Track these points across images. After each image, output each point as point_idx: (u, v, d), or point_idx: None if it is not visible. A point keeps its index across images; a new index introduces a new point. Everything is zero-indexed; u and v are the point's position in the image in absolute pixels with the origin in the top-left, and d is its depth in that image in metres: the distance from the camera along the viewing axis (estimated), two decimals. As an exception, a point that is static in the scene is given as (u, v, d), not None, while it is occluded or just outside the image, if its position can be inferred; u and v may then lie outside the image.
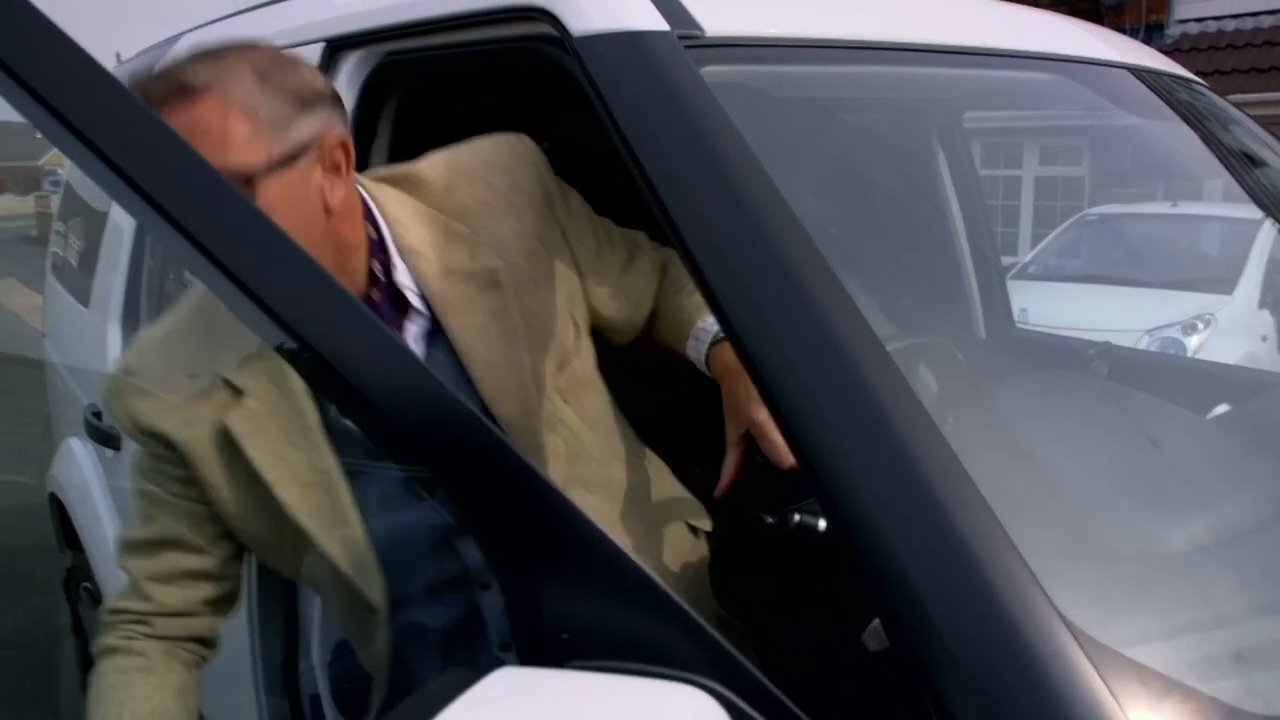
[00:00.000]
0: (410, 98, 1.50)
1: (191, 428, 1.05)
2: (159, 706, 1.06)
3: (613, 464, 1.20)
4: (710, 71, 1.05)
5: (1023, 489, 0.95)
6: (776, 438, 0.98)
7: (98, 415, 2.24)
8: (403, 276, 1.10)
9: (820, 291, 0.86)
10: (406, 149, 1.51)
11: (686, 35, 1.08)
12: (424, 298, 1.10)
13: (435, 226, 1.13)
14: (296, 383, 1.05)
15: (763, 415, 1.02)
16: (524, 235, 1.16)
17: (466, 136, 1.33)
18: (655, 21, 1.07)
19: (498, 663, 0.70)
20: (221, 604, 1.15)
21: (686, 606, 0.63)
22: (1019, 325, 2.33)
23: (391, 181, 1.16)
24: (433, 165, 1.19)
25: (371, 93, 1.48)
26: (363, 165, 1.46)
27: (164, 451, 1.07)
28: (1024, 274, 5.76)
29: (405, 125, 1.50)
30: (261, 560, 1.18)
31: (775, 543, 1.07)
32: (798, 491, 1.04)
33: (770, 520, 1.05)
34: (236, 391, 1.05)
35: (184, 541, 1.09)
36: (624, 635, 0.64)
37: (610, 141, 1.01)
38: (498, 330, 1.10)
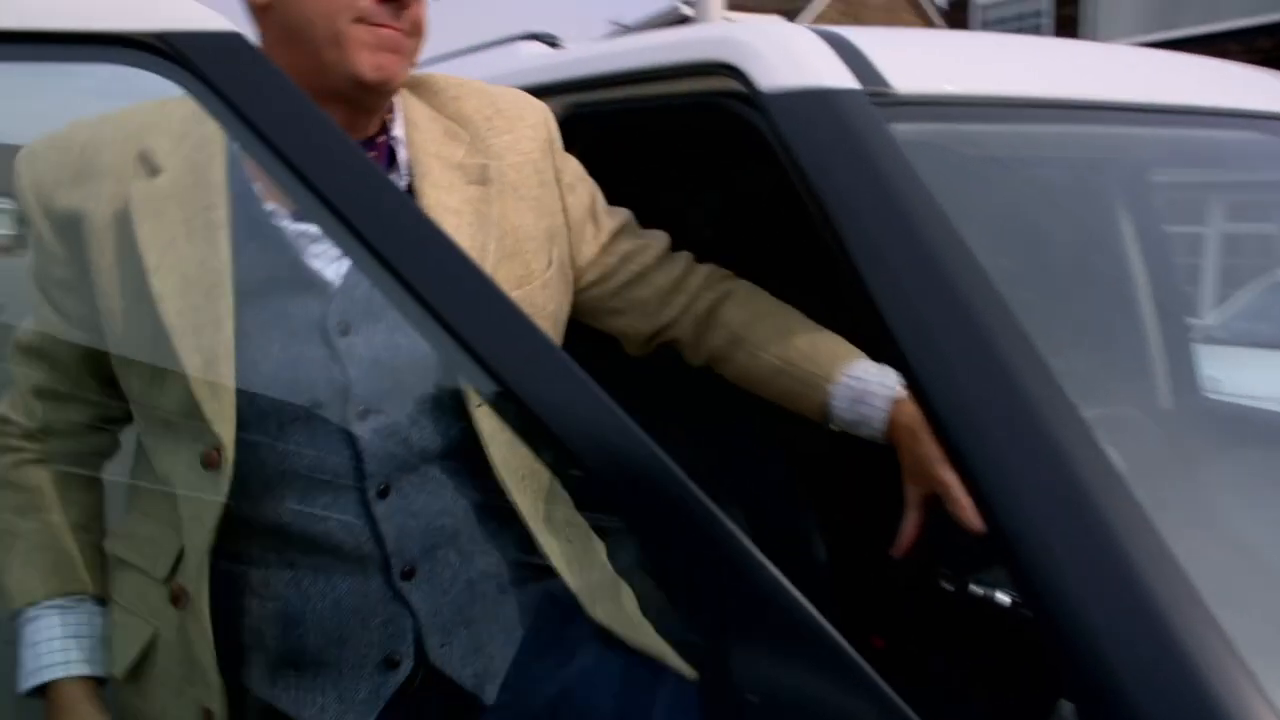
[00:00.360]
0: (594, 149, 1.55)
1: (94, 201, 1.00)
2: (61, 558, 1.07)
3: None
4: (899, 129, 1.04)
5: (1232, 575, 0.90)
6: (965, 500, 0.94)
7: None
8: (398, 132, 1.10)
9: (1016, 355, 0.83)
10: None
11: (876, 93, 1.07)
12: (409, 163, 1.09)
13: (436, 123, 1.13)
14: (218, 175, 1.00)
15: (950, 476, 0.97)
16: (519, 155, 1.15)
17: (650, 188, 1.36)
18: (845, 79, 1.08)
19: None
20: (110, 425, 1.12)
21: (880, 681, 0.61)
22: (1210, 394, 2.19)
23: (413, 80, 1.16)
24: (447, 77, 1.21)
25: (556, 144, 1.54)
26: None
27: (54, 234, 1.03)
28: (1210, 338, 5.43)
29: (590, 174, 1.54)
30: (122, 381, 1.06)
31: (952, 611, 1.03)
32: (979, 558, 1.00)
33: (949, 587, 1.02)
34: (153, 169, 1.00)
35: (62, 362, 1.07)
36: (813, 703, 0.63)
37: (794, 197, 1.01)
38: (469, 218, 1.08)
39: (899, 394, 1.09)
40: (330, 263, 1.02)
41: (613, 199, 1.32)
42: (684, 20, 16.25)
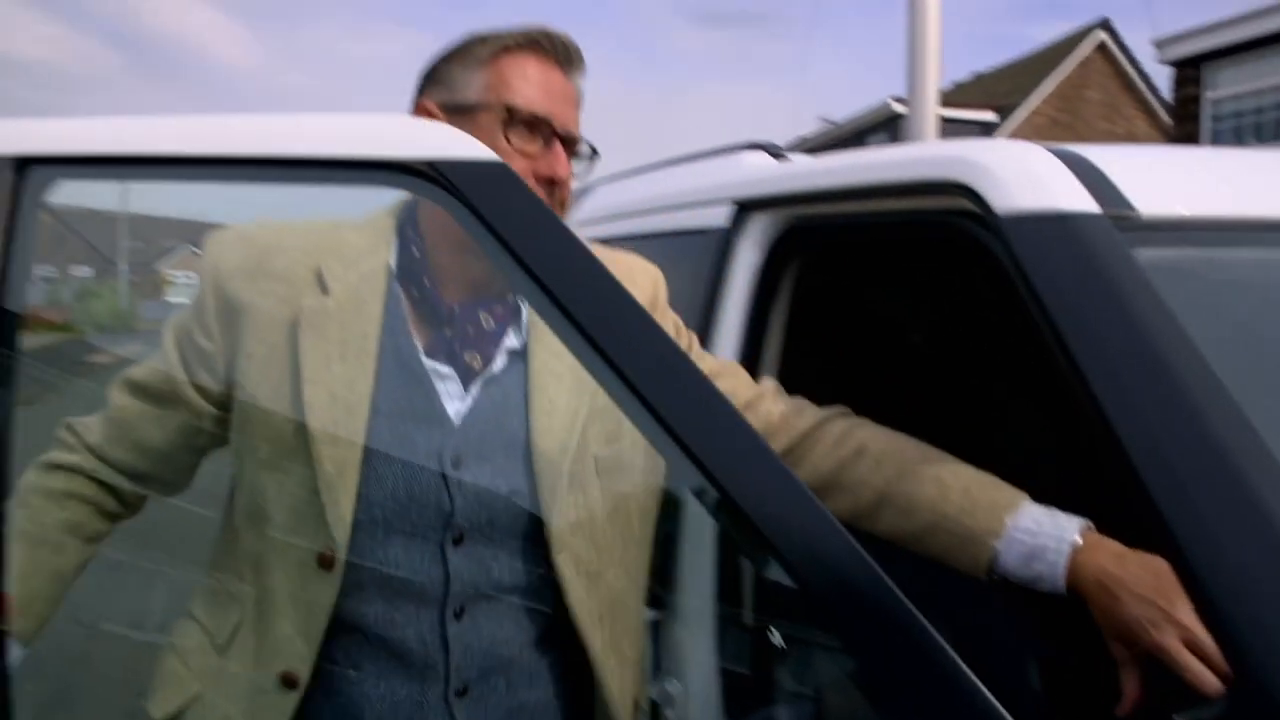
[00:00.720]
0: (815, 261, 1.57)
1: (264, 298, 1.12)
2: (37, 588, 1.11)
3: (609, 563, 1.17)
4: (1144, 254, 1.01)
5: None
6: (1194, 664, 0.85)
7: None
8: (522, 305, 1.20)
9: (1273, 494, 0.78)
10: (808, 310, 1.57)
11: (1119, 216, 1.05)
12: (528, 324, 1.19)
13: None
14: (376, 308, 1.13)
15: (1169, 640, 0.85)
16: None
17: (869, 300, 1.36)
18: (1085, 202, 1.05)
19: None
20: (156, 485, 1.22)
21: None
22: None
23: None
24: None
25: (777, 254, 1.56)
26: (763, 326, 1.53)
27: (219, 312, 1.14)
28: None
29: (808, 287, 1.56)
30: (238, 448, 1.15)
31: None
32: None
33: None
34: (324, 287, 1.12)
35: (155, 411, 1.17)
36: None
37: (1022, 319, 0.99)
38: (569, 382, 1.16)
39: (1078, 542, 0.98)
40: (453, 400, 1.13)
41: (832, 309, 1.33)
42: (896, 118, 16.23)
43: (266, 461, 1.10)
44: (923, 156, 1.26)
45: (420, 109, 1.18)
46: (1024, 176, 1.09)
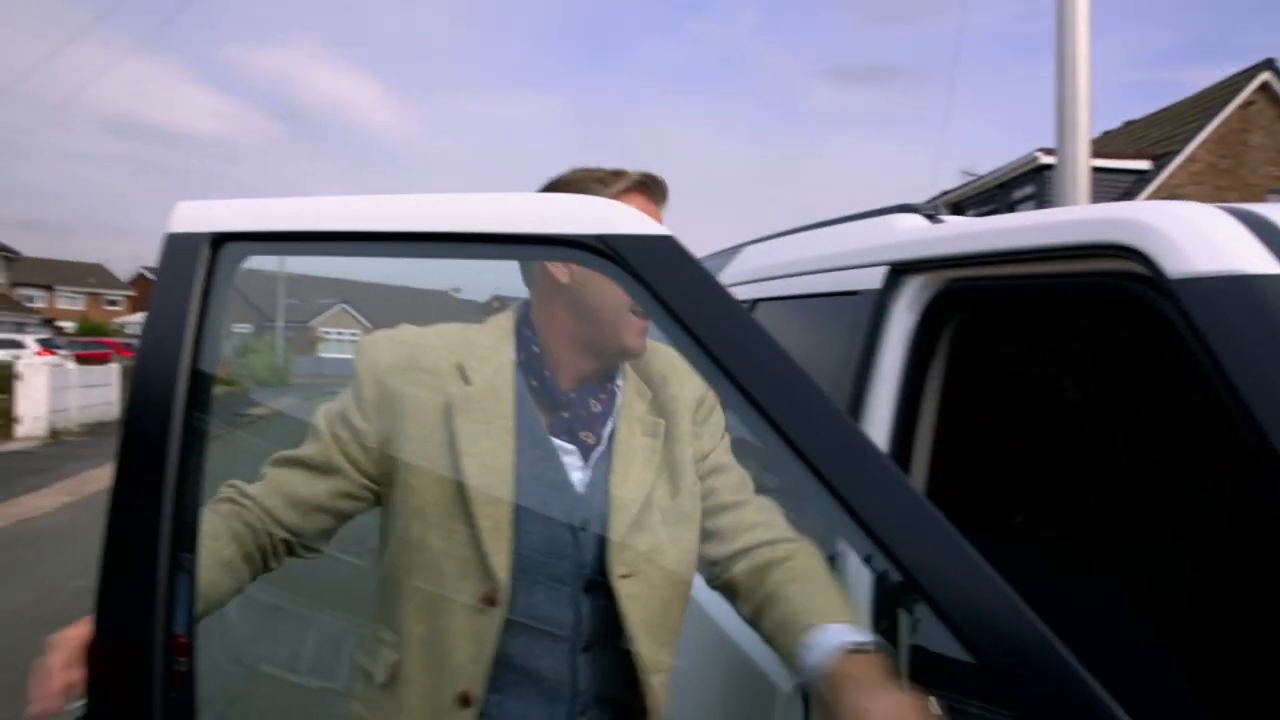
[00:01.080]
0: (970, 323, 1.54)
1: (418, 388, 1.36)
2: (213, 578, 1.28)
3: (657, 585, 1.38)
4: (1333, 317, 0.96)
5: None
6: None
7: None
8: (618, 391, 1.47)
9: None
10: (964, 371, 1.55)
11: (1304, 278, 1.00)
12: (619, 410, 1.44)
13: (633, 381, 1.49)
14: (508, 395, 1.37)
15: None
16: (683, 407, 1.48)
17: (1025, 362, 1.34)
18: (1266, 263, 1.02)
19: None
20: (304, 539, 1.40)
21: None
22: None
23: None
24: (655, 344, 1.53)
25: (932, 316, 1.54)
26: (918, 388, 1.52)
27: (376, 400, 1.36)
28: None
29: (963, 349, 1.53)
30: (399, 520, 1.35)
31: None
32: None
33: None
34: (466, 379, 1.37)
35: (312, 482, 1.37)
36: None
37: (1195, 381, 0.96)
38: (641, 457, 1.42)
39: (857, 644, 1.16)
40: (575, 472, 1.38)
41: (988, 370, 1.31)
42: (1042, 169, 15.78)
43: (433, 521, 1.32)
44: (1086, 219, 1.24)
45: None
46: (1199, 238, 1.06)
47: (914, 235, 1.71)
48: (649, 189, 1.43)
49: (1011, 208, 17.67)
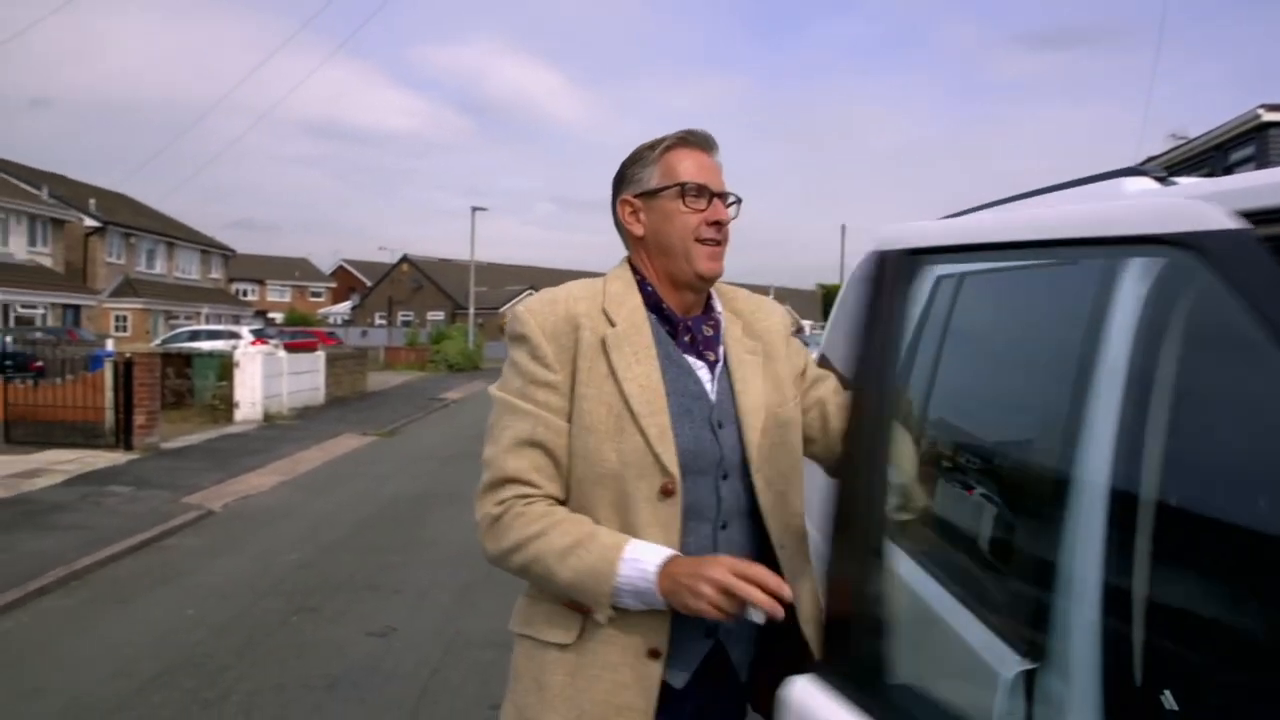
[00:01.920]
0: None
1: (580, 331, 1.66)
2: (585, 520, 1.61)
3: (786, 473, 1.75)
4: None
5: None
6: (712, 597, 1.49)
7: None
8: (722, 317, 1.81)
9: None
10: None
11: None
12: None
13: (725, 310, 1.84)
14: (645, 327, 1.69)
15: (705, 590, 1.50)
16: (773, 334, 1.85)
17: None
18: None
19: None
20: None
21: None
22: None
23: None
24: (723, 285, 1.87)
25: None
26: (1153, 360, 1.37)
27: (556, 352, 1.65)
28: None
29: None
30: (577, 441, 1.64)
31: None
32: None
33: None
34: (610, 321, 1.68)
35: (547, 446, 1.63)
36: None
37: None
38: (750, 368, 1.77)
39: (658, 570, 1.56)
40: (707, 383, 1.71)
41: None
42: (1266, 127, 14.47)
43: (607, 435, 1.62)
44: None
45: (622, 204, 1.78)
46: None
47: (1145, 200, 1.55)
48: (689, 141, 1.75)
49: (1228, 172, 16.30)
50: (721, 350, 1.75)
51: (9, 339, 17.14)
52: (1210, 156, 17.07)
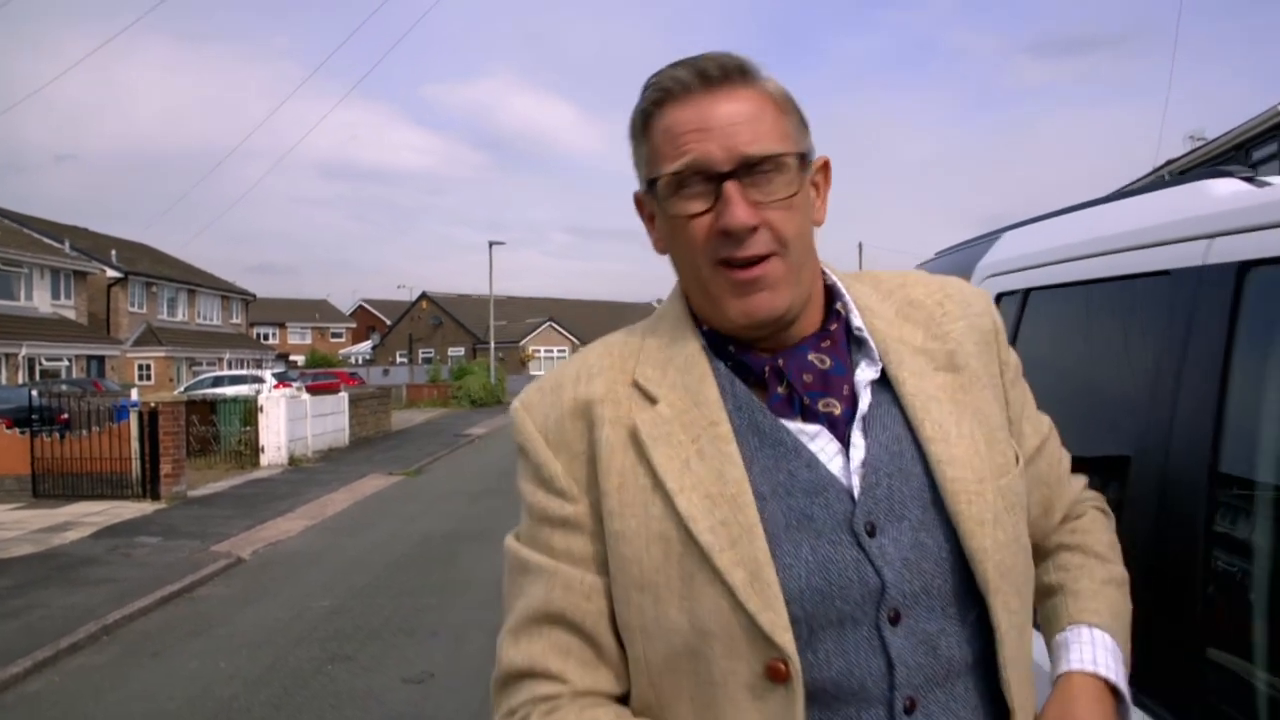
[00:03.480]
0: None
1: (597, 428, 1.01)
2: None
3: (1026, 610, 1.04)
4: None
5: None
6: None
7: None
8: (859, 322, 1.06)
9: None
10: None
11: None
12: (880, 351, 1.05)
13: (889, 304, 1.10)
14: (712, 394, 1.01)
15: None
16: (974, 343, 1.09)
17: None
18: None
19: None
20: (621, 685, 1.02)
21: None
22: None
23: (844, 275, 1.13)
24: (886, 271, 1.18)
25: None
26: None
27: (568, 467, 1.02)
28: None
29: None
30: (625, 606, 0.99)
31: None
32: None
33: None
34: (649, 398, 1.02)
35: (571, 619, 1.00)
36: None
37: None
38: (949, 405, 1.03)
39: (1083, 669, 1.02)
40: (834, 459, 0.99)
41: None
42: (1289, 126, 14.28)
43: (667, 595, 0.96)
44: None
45: (637, 203, 1.11)
46: None
47: (1236, 203, 1.43)
48: (673, 92, 1.01)
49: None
50: (863, 387, 1.02)
51: (35, 392, 17.20)
52: (1231, 156, 16.88)
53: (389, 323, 68.70)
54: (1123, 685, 1.05)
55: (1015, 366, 1.14)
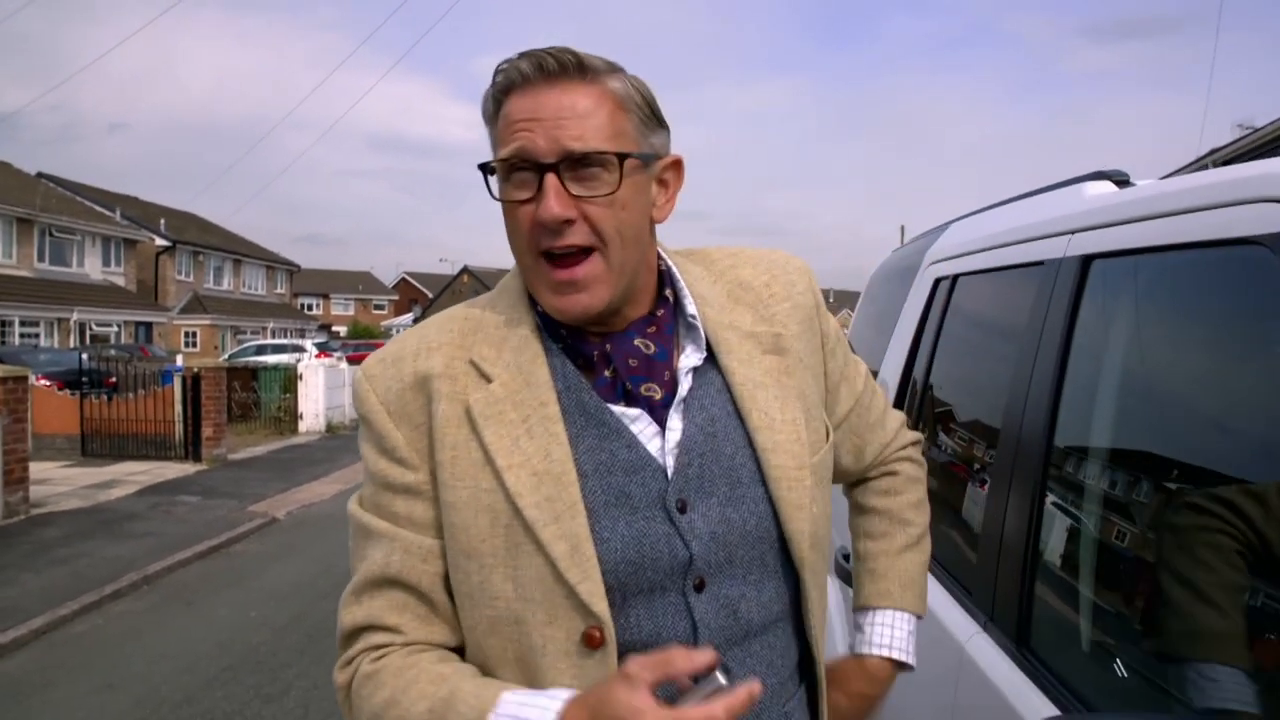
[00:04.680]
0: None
1: (435, 402, 1.06)
2: (447, 669, 1.02)
3: (825, 572, 1.16)
4: None
5: None
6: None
7: (846, 558, 2.50)
8: (690, 308, 1.13)
9: None
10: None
11: None
12: (706, 337, 1.12)
13: (718, 288, 1.17)
14: (543, 374, 1.06)
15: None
16: (798, 323, 1.18)
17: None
18: None
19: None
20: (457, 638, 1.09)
21: None
22: None
23: (679, 252, 1.20)
24: (719, 248, 1.24)
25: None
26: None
27: (409, 438, 1.07)
28: None
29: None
30: (454, 571, 1.05)
31: None
32: None
33: None
34: (484, 377, 1.07)
35: (408, 581, 1.06)
36: None
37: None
38: (775, 390, 1.11)
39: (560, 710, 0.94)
40: (651, 440, 1.06)
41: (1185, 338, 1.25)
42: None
43: (493, 562, 1.02)
44: None
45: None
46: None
47: (1103, 202, 1.64)
48: (514, 81, 1.03)
49: (1289, 162, 15.86)
50: (684, 373, 1.09)
51: (85, 356, 17.82)
52: (1276, 145, 16.65)
53: (431, 295, 69.25)
54: (908, 658, 1.28)
55: (835, 334, 1.26)
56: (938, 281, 2.48)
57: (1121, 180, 1.75)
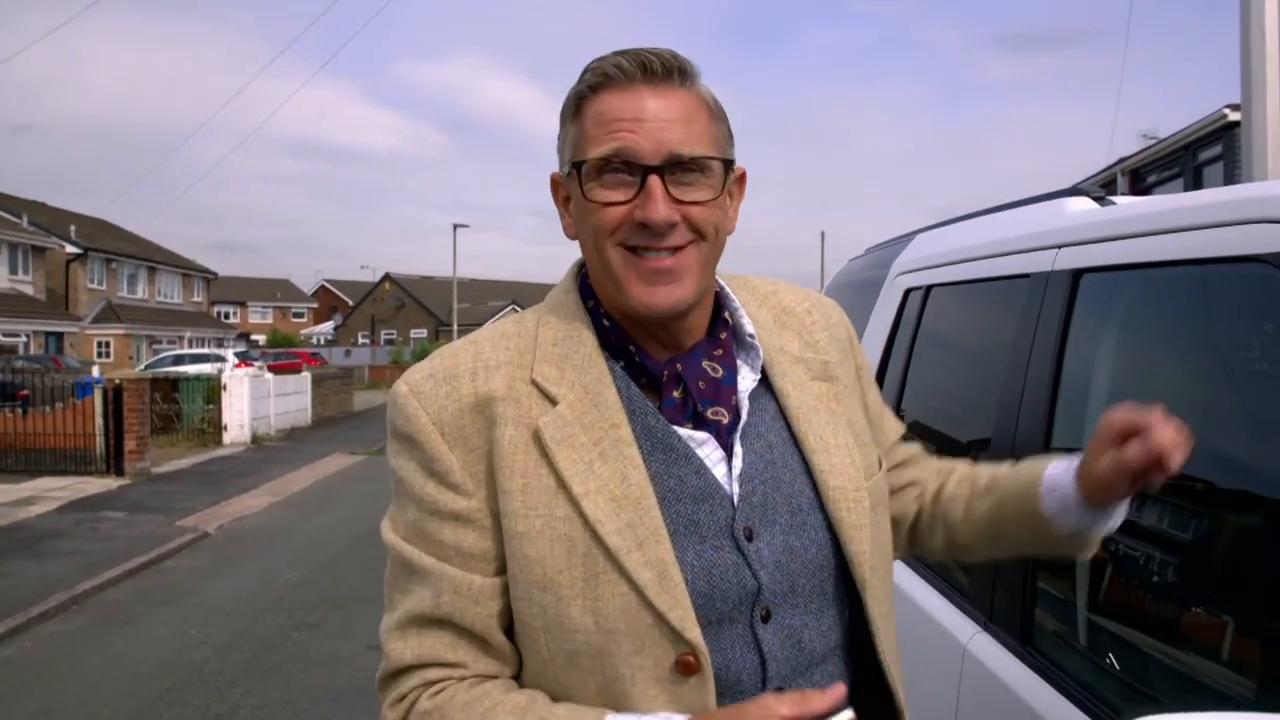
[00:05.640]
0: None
1: (498, 427, 1.00)
2: (521, 698, 0.98)
3: (891, 600, 1.13)
4: None
5: None
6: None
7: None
8: (749, 327, 1.11)
9: None
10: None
11: None
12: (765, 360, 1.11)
13: (765, 310, 1.16)
14: (611, 395, 1.02)
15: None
16: (837, 353, 1.17)
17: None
18: None
19: None
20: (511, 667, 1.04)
21: None
22: None
23: (721, 277, 1.16)
24: (757, 276, 1.24)
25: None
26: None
27: (464, 460, 1.01)
28: None
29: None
30: (526, 604, 0.99)
31: None
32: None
33: None
34: (549, 398, 1.01)
35: (460, 623, 1.00)
36: None
37: None
38: (826, 415, 1.10)
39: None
40: (717, 465, 1.02)
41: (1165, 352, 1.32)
42: (1232, 126, 14.75)
43: (575, 593, 0.97)
44: None
45: (554, 186, 1.12)
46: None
47: (1084, 219, 1.72)
48: (613, 78, 1.02)
49: (1197, 171, 16.59)
50: (747, 389, 1.07)
51: (-6, 368, 17.17)
52: (1180, 156, 17.38)
53: (351, 303, 68.27)
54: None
55: (868, 368, 1.25)
56: (908, 292, 2.55)
57: (1099, 197, 1.84)
